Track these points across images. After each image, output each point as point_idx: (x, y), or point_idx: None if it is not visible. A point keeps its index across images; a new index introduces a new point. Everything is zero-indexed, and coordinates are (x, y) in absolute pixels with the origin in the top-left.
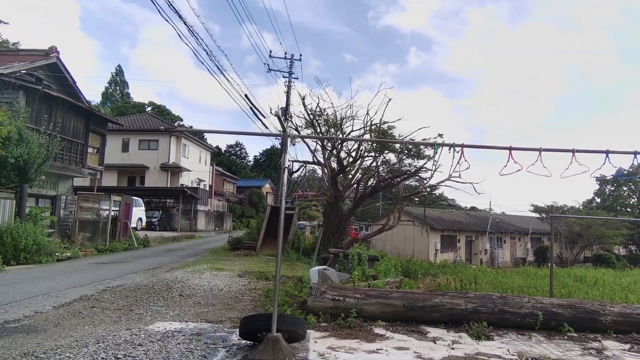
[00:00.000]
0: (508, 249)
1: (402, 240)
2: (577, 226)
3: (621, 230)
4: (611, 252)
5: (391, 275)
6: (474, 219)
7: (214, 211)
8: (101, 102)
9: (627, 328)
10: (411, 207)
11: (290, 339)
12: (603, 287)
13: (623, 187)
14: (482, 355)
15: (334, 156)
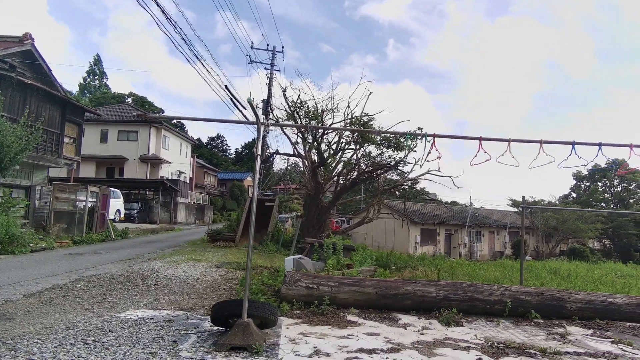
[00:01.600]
0: (486, 242)
1: (382, 233)
2: (553, 220)
3: (595, 224)
4: (586, 245)
5: (367, 265)
6: (454, 213)
7: (194, 204)
8: (79, 93)
9: (591, 315)
10: (392, 201)
11: (262, 325)
12: (575, 279)
13: (598, 183)
14: (450, 340)
15: (315, 148)
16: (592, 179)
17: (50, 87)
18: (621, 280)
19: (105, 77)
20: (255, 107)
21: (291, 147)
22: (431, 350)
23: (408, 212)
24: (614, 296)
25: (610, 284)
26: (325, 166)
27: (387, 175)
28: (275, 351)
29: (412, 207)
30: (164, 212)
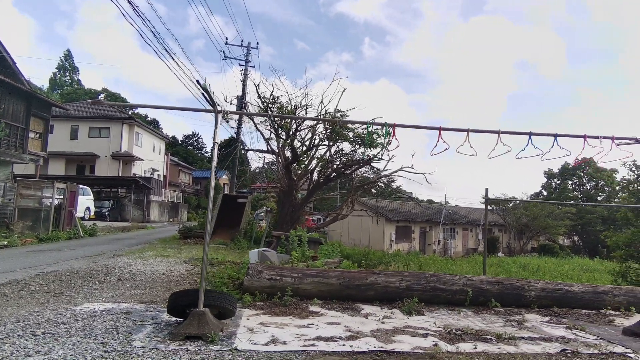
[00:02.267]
0: (460, 239)
1: (358, 231)
2: (525, 217)
3: (564, 221)
4: (556, 242)
5: (333, 257)
6: (429, 211)
7: (168, 202)
8: (49, 88)
9: (549, 302)
10: (367, 199)
11: (220, 316)
12: (544, 274)
13: (568, 181)
14: (410, 328)
15: (288, 145)
16: (562, 177)
17: (14, 79)
18: (586, 274)
19: (76, 73)
20: (211, 94)
21: (265, 144)
22: (389, 337)
23: (383, 210)
24: (570, 284)
25: (576, 277)
26: (298, 162)
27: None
28: (231, 340)
29: (388, 205)
30: (137, 210)
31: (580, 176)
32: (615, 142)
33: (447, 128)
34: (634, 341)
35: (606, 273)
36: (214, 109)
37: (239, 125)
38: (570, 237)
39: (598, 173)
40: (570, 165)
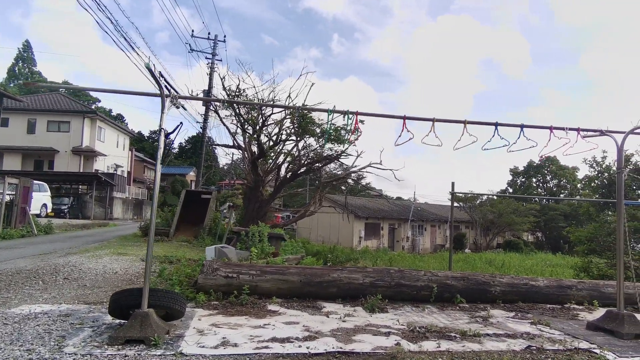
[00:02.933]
0: (429, 236)
1: (327, 228)
2: (491, 214)
3: (528, 217)
4: (520, 238)
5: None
6: (398, 208)
7: (132, 199)
8: (6, 80)
9: (514, 298)
10: (337, 195)
11: (168, 317)
12: (509, 269)
13: (533, 179)
14: (372, 326)
15: (254, 140)
16: (527, 175)
17: None
18: (549, 269)
19: (35, 64)
20: (157, 76)
21: (231, 139)
22: (350, 337)
23: (352, 207)
24: (535, 279)
25: (539, 272)
26: (265, 158)
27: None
28: (177, 343)
29: (357, 202)
30: (99, 207)
31: (544, 174)
32: (581, 133)
33: (411, 117)
34: (598, 336)
35: (568, 268)
36: (160, 92)
37: (205, 120)
38: (534, 234)
39: (561, 171)
40: (536, 163)
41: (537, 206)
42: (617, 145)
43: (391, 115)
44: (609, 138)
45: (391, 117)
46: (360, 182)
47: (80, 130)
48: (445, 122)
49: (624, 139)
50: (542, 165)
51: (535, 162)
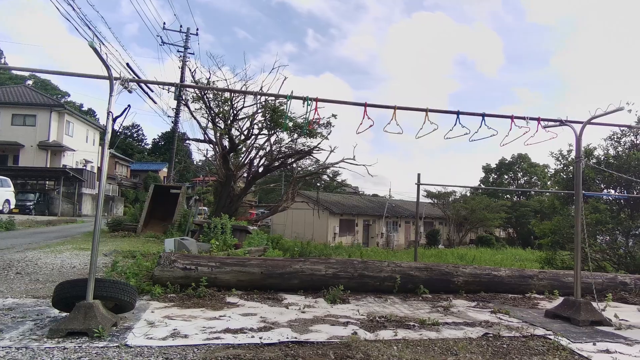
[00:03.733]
0: (403, 232)
1: (302, 225)
2: (464, 211)
3: (500, 213)
4: (492, 234)
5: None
6: (373, 204)
7: None
8: None
9: (476, 288)
10: (312, 192)
11: (119, 309)
12: (480, 263)
13: (504, 176)
14: (331, 317)
15: (225, 134)
16: (499, 172)
17: None
18: (518, 263)
19: (2, 56)
20: (104, 57)
21: (201, 132)
22: (307, 327)
23: (327, 203)
24: (498, 269)
25: (508, 265)
26: (236, 152)
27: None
28: (123, 335)
29: (332, 198)
30: (67, 204)
31: (516, 171)
32: (542, 123)
33: (372, 104)
34: (555, 323)
35: (536, 262)
36: (108, 74)
37: (177, 114)
38: (505, 230)
39: (532, 168)
40: (508, 160)
41: (509, 203)
42: (576, 134)
43: (353, 102)
44: (572, 130)
45: (352, 104)
46: (335, 178)
47: (47, 125)
48: (407, 109)
49: (582, 128)
50: (513, 162)
51: (507, 160)
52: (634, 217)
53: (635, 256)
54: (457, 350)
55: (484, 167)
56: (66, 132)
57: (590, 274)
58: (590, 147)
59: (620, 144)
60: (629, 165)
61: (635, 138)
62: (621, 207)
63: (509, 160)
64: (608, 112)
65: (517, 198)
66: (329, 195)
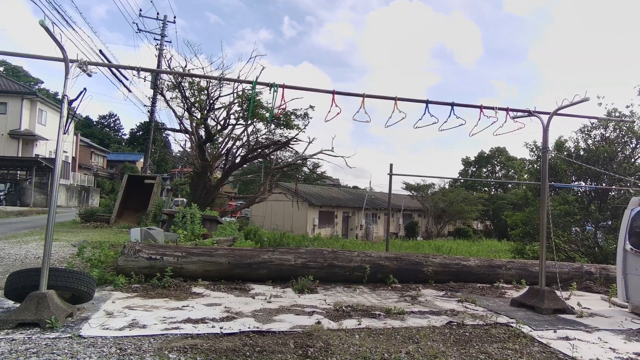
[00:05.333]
0: (382, 224)
1: (281, 216)
2: (442, 203)
3: (477, 206)
4: (470, 226)
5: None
6: (352, 196)
7: (77, 186)
8: None
9: (446, 277)
10: (291, 183)
11: (77, 299)
12: (456, 254)
13: (483, 169)
14: (297, 306)
15: (202, 123)
16: (478, 165)
17: None
18: (493, 254)
19: None
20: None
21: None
22: (271, 317)
23: (307, 195)
24: (467, 259)
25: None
26: (213, 142)
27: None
28: (79, 326)
29: (312, 190)
30: (40, 194)
31: (494, 164)
32: (510, 114)
33: (340, 92)
34: (519, 311)
35: (510, 252)
36: (63, 56)
37: (153, 104)
38: (483, 222)
39: (509, 162)
40: (486, 154)
41: (486, 195)
42: (543, 125)
43: (321, 90)
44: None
45: (321, 92)
46: (315, 170)
47: (18, 113)
48: (375, 97)
49: (549, 119)
50: (492, 155)
51: (486, 153)
52: (602, 209)
53: (603, 247)
54: (419, 338)
55: (464, 159)
56: (39, 120)
57: (555, 263)
58: (562, 139)
59: (590, 136)
60: (598, 158)
61: (604, 131)
62: (591, 199)
63: (488, 154)
64: (574, 103)
65: (494, 191)
66: (309, 187)
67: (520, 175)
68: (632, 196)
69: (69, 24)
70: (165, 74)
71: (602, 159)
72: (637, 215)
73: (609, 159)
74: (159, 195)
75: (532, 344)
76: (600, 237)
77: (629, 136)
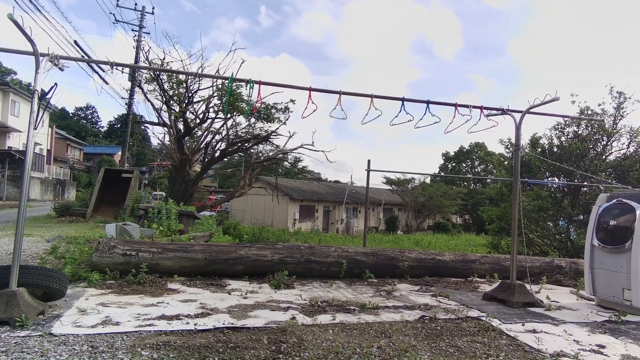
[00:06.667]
0: (362, 218)
1: (262, 210)
2: (422, 197)
3: (456, 200)
4: (449, 220)
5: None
6: (333, 190)
7: (53, 179)
8: None
9: (421, 272)
10: (271, 177)
11: (49, 297)
12: (434, 248)
13: (462, 164)
14: (273, 302)
15: (180, 117)
16: (457, 160)
17: None
18: (470, 248)
19: None
20: (26, 31)
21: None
22: (246, 313)
23: (287, 189)
24: (442, 254)
25: (462, 251)
26: (191, 136)
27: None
28: (50, 323)
29: (292, 184)
30: (13, 187)
31: (473, 159)
32: (485, 112)
33: (317, 89)
34: (490, 305)
35: (486, 247)
36: (33, 49)
37: (131, 96)
38: (462, 216)
39: (488, 157)
40: (466, 149)
41: (465, 190)
42: (516, 123)
43: (297, 86)
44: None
45: (298, 88)
46: (296, 164)
47: None
48: (351, 94)
49: (522, 117)
50: (471, 150)
51: (466, 148)
52: (574, 204)
53: (575, 241)
54: (392, 332)
55: (444, 154)
56: (12, 112)
57: (526, 258)
58: (537, 136)
59: (563, 133)
60: (571, 154)
61: (577, 128)
62: (564, 195)
63: (467, 149)
64: (545, 102)
65: (473, 185)
66: (290, 181)
67: (499, 171)
68: (601, 193)
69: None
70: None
71: (575, 156)
72: (604, 212)
73: (581, 156)
74: (137, 189)
75: (500, 337)
76: (573, 231)
77: (600, 134)
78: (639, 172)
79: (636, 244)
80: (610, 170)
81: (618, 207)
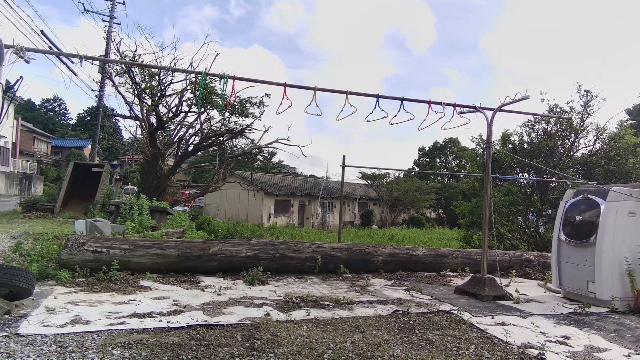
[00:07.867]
0: (338, 213)
1: (236, 205)
2: (396, 192)
3: (430, 195)
4: (423, 215)
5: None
6: (309, 185)
7: (18, 173)
8: None
9: (395, 267)
10: (246, 172)
11: (15, 296)
12: (409, 242)
13: (436, 159)
14: (247, 298)
15: (153, 110)
16: (432, 155)
17: None
18: (443, 242)
19: None
20: None
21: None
22: (220, 309)
23: (262, 184)
24: (415, 249)
25: (435, 245)
26: (164, 130)
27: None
28: (16, 323)
29: (268, 179)
30: None
31: (447, 154)
32: (457, 109)
33: (292, 85)
34: (462, 299)
35: (459, 241)
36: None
37: (101, 88)
38: (436, 210)
39: (461, 152)
40: (440, 144)
41: (439, 185)
42: (487, 120)
43: (272, 82)
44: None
45: (272, 84)
46: (272, 159)
47: None
48: (327, 91)
49: (493, 115)
50: (445, 146)
51: (440, 143)
52: (543, 199)
53: (543, 235)
54: (365, 327)
55: (420, 149)
56: None
57: (496, 252)
58: (508, 133)
59: (533, 130)
60: (540, 151)
61: (546, 125)
62: (533, 190)
63: (441, 144)
64: (515, 100)
65: (447, 180)
66: (265, 176)
67: (471, 166)
68: (569, 188)
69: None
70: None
71: (544, 152)
72: (571, 207)
73: (550, 152)
74: (108, 184)
75: (470, 330)
76: (542, 226)
77: (569, 131)
78: (604, 169)
79: (600, 239)
80: (577, 167)
81: (584, 203)
